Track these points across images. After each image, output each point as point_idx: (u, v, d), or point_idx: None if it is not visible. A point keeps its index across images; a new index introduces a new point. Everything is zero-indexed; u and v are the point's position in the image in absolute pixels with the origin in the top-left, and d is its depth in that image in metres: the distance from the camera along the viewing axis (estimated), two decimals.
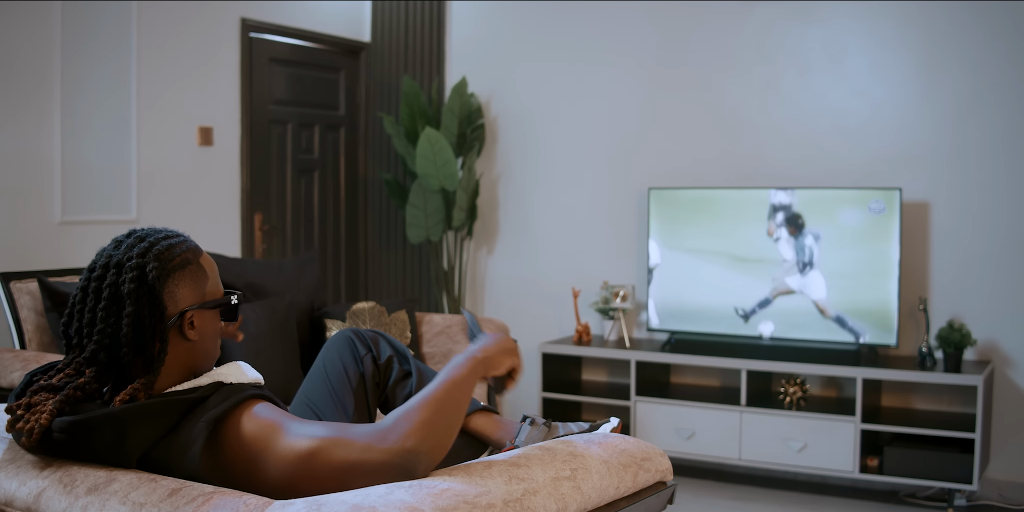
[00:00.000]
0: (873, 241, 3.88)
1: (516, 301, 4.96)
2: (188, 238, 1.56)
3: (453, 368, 1.46)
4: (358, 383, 1.94)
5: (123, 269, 1.46)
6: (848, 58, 4.16)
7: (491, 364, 1.52)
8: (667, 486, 1.59)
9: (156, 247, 1.48)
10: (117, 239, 1.52)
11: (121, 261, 1.46)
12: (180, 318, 1.49)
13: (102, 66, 3.91)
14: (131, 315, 1.43)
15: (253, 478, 1.36)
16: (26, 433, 1.39)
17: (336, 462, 1.31)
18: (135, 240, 1.50)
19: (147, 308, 1.45)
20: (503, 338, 1.56)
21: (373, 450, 1.31)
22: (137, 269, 1.45)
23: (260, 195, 4.71)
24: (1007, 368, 3.91)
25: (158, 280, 1.45)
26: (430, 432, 1.33)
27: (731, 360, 3.97)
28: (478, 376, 1.49)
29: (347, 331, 2.01)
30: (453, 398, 1.40)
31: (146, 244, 1.49)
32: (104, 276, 1.46)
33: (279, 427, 1.37)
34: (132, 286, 1.44)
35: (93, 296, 1.46)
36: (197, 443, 1.37)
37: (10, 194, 3.61)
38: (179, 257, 1.50)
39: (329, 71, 5.11)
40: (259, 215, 4.69)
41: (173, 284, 1.48)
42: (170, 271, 1.48)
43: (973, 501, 3.87)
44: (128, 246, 1.49)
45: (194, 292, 1.51)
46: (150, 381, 1.44)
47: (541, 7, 4.84)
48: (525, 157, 4.93)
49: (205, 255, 1.57)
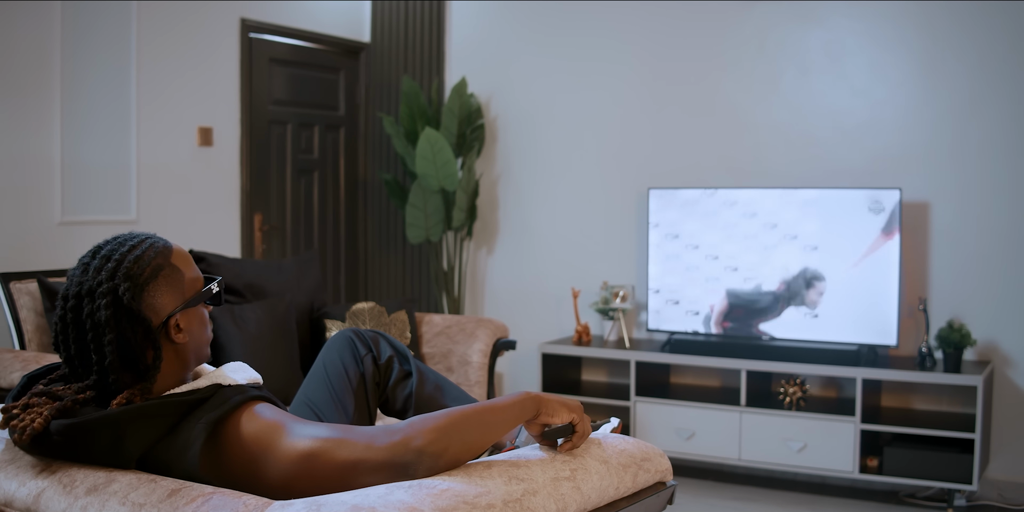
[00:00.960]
0: (873, 241, 3.88)
1: (516, 301, 4.96)
2: (154, 239, 1.51)
3: (506, 395, 1.43)
4: (358, 383, 1.94)
5: (95, 295, 1.42)
6: (848, 58, 4.16)
7: (545, 407, 1.44)
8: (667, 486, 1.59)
9: (123, 264, 1.44)
10: (83, 262, 1.47)
11: (92, 288, 1.42)
12: (165, 325, 1.46)
13: (102, 66, 3.91)
14: (113, 341, 1.40)
15: (254, 478, 1.36)
16: (19, 430, 1.39)
17: (338, 461, 1.31)
18: (101, 261, 1.45)
19: (129, 329, 1.42)
20: (569, 398, 1.49)
21: (374, 448, 1.30)
22: (110, 294, 1.41)
23: (260, 195, 4.71)
24: (1007, 368, 3.91)
25: (133, 300, 1.42)
26: (442, 437, 1.30)
27: (731, 360, 3.97)
28: (525, 411, 1.42)
29: (347, 331, 2.01)
30: (484, 419, 1.36)
31: (112, 264, 1.44)
32: (79, 306, 1.43)
33: (281, 427, 1.37)
34: (108, 312, 1.40)
35: (73, 327, 1.43)
36: (196, 444, 1.37)
37: (10, 194, 3.61)
38: (149, 267, 1.45)
39: (329, 71, 5.11)
40: (259, 215, 4.69)
41: (150, 297, 1.45)
42: (143, 285, 1.44)
43: (973, 501, 3.87)
44: (96, 270, 1.44)
45: (174, 295, 1.48)
46: (147, 387, 1.44)
47: (541, 7, 4.84)
48: (525, 157, 4.93)
49: (176, 250, 1.52)
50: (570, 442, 1.45)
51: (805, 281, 4.02)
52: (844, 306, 3.94)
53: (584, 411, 1.51)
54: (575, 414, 1.45)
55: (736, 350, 4.07)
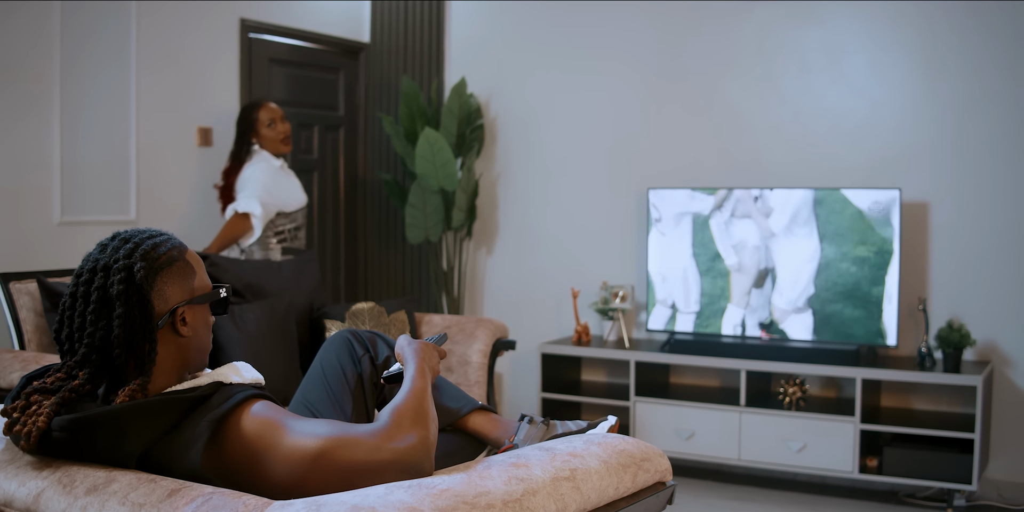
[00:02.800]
0: (873, 241, 3.88)
1: (516, 301, 4.96)
2: (173, 236, 1.56)
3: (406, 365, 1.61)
4: (356, 383, 1.95)
5: (110, 271, 1.46)
6: (847, 58, 4.16)
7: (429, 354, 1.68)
8: (666, 486, 1.59)
9: (141, 247, 1.49)
10: (102, 243, 1.52)
11: (108, 264, 1.47)
12: (172, 315, 1.49)
13: (102, 66, 3.91)
14: (122, 316, 1.43)
15: (256, 477, 1.37)
16: (24, 436, 1.39)
17: (343, 462, 1.32)
18: (120, 242, 1.50)
19: (137, 308, 1.45)
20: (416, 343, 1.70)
21: (383, 450, 1.32)
22: (125, 270, 1.45)
23: None
24: (1006, 368, 3.91)
25: (146, 280, 1.46)
26: (423, 422, 1.40)
27: (730, 360, 3.97)
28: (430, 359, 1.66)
29: (345, 332, 2.01)
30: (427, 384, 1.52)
31: (131, 245, 1.49)
32: (92, 280, 1.47)
33: (280, 425, 1.38)
34: (121, 287, 1.44)
35: (82, 300, 1.46)
36: (199, 442, 1.37)
37: (9, 194, 3.61)
38: (165, 255, 1.50)
39: (328, 71, 5.11)
40: None
41: (162, 282, 1.48)
42: (157, 269, 1.48)
43: (972, 501, 3.87)
44: (113, 249, 1.49)
45: (183, 288, 1.52)
46: (144, 382, 1.44)
47: (541, 7, 4.84)
48: (525, 157, 4.93)
49: (191, 252, 1.57)
50: None
51: (805, 281, 4.02)
52: (844, 306, 3.94)
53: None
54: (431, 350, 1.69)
55: (736, 350, 4.07)
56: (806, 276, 4.01)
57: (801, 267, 4.02)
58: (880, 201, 3.87)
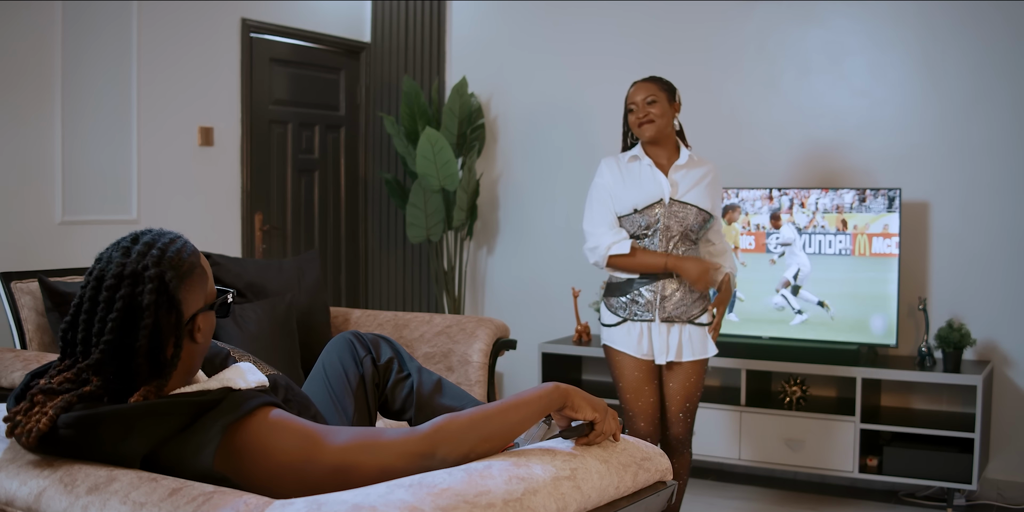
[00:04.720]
0: (872, 241, 3.88)
1: (516, 301, 4.96)
2: (185, 238, 1.54)
3: (534, 387, 1.48)
4: (358, 385, 1.95)
5: (141, 279, 1.42)
6: (848, 58, 4.16)
7: (571, 400, 1.48)
8: (667, 486, 1.60)
9: (167, 254, 1.45)
10: (124, 246, 1.47)
11: (137, 270, 1.42)
12: (191, 322, 1.48)
13: (102, 66, 3.91)
14: (149, 326, 1.41)
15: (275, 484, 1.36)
16: (24, 434, 1.39)
17: (373, 471, 1.35)
18: (144, 247, 1.46)
19: (166, 318, 1.43)
20: (597, 399, 1.52)
21: (405, 456, 1.36)
22: (157, 279, 1.42)
23: (260, 195, 4.71)
24: (1006, 368, 3.91)
25: (177, 289, 1.44)
26: (462, 443, 1.38)
27: (731, 360, 3.98)
28: (552, 403, 1.47)
29: (347, 333, 2.02)
30: (508, 417, 1.43)
31: (157, 251, 1.45)
32: (118, 286, 1.42)
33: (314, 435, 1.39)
34: (152, 298, 1.41)
35: (104, 305, 1.42)
36: (211, 445, 1.37)
37: (10, 194, 3.62)
38: (187, 262, 1.48)
39: (329, 71, 5.12)
40: (259, 215, 4.69)
41: (186, 290, 1.46)
42: (183, 278, 1.46)
43: (972, 501, 3.87)
44: (139, 254, 1.44)
45: (200, 295, 1.50)
46: (161, 384, 1.43)
47: (541, 7, 4.84)
48: (525, 157, 4.93)
49: (202, 255, 1.56)
50: (586, 438, 1.49)
51: (804, 280, 4.02)
52: (844, 306, 3.95)
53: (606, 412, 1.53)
54: (598, 413, 1.49)
55: (736, 350, 4.07)
56: (806, 275, 4.01)
57: (801, 266, 4.02)
58: (880, 201, 3.87)
